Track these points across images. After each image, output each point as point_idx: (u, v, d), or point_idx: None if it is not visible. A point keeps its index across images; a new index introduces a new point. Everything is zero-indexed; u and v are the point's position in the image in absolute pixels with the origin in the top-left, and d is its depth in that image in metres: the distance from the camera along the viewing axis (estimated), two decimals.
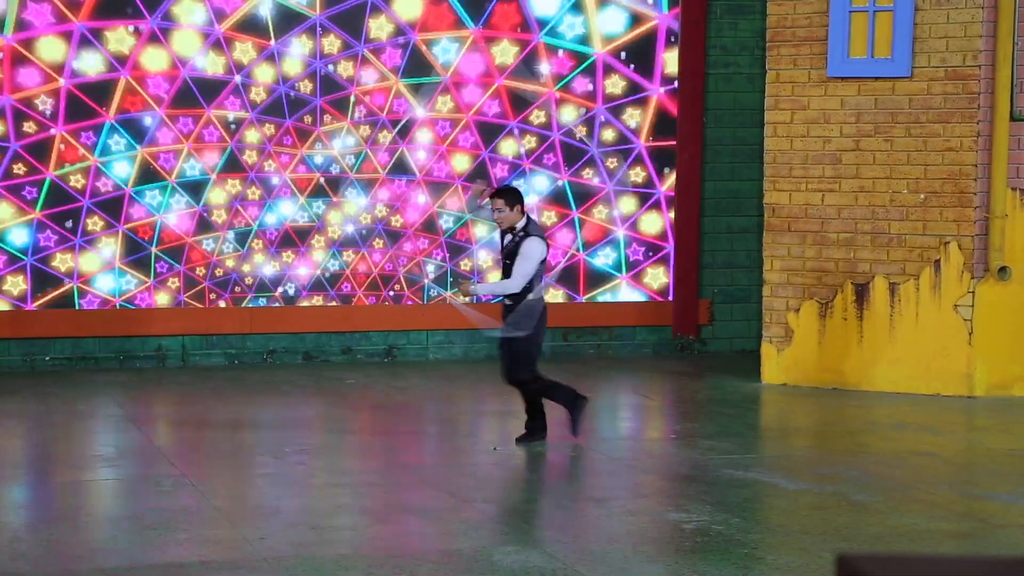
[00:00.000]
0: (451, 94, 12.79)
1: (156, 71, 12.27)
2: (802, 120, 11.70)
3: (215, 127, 12.40)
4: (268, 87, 12.45)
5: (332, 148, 12.63)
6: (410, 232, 12.82)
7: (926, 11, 11.27)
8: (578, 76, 12.90)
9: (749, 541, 7.36)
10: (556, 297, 13.02)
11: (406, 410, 10.80)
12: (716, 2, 13.19)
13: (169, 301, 12.33)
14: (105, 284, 12.23)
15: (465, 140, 12.86)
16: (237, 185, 12.51)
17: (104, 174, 12.18)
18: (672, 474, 8.95)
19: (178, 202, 12.38)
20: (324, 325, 12.65)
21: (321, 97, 12.53)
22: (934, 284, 11.37)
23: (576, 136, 12.87)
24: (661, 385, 12.03)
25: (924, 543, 7.35)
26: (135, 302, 12.26)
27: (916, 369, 11.41)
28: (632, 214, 13.12)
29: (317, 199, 12.63)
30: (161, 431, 10.21)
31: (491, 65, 12.81)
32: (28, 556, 7.00)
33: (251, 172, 12.50)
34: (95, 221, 12.20)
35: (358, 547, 7.23)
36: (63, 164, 12.10)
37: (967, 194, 11.25)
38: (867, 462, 9.19)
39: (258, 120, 12.49)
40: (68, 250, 12.13)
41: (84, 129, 12.15)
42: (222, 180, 12.47)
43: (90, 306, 12.16)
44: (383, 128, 12.71)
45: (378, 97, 12.65)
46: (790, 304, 11.80)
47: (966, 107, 11.21)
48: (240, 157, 12.46)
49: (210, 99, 12.33)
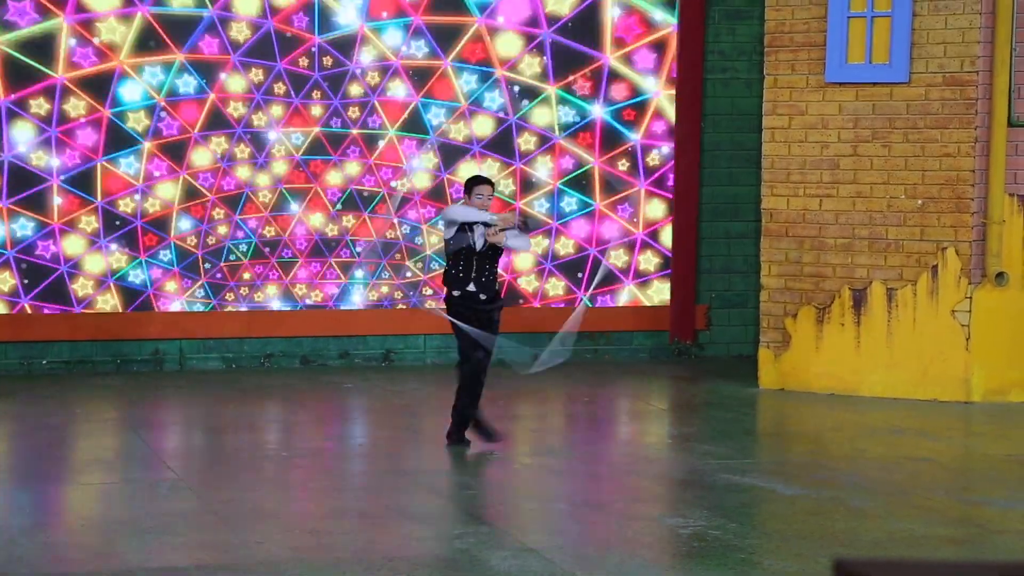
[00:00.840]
0: (485, 41, 12.60)
1: (108, 9, 11.83)
2: (800, 125, 11.71)
3: (191, 74, 12.06)
4: (252, 23, 12.14)
5: (332, 98, 12.42)
6: (418, 197, 12.62)
7: (924, 17, 11.28)
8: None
9: (746, 546, 7.36)
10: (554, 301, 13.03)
11: (403, 414, 10.79)
12: (714, 7, 13.20)
13: (162, 276, 12.15)
14: (95, 265, 12.10)
15: (491, 101, 12.76)
16: (223, 143, 12.21)
17: (68, 146, 11.89)
18: (669, 479, 8.95)
19: (158, 168, 12.09)
20: (322, 329, 12.64)
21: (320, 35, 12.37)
22: (931, 290, 11.37)
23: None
24: (658, 390, 12.03)
25: (921, 548, 7.36)
26: (128, 280, 12.12)
27: (913, 374, 11.41)
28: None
29: (316, 158, 12.41)
30: (158, 435, 10.21)
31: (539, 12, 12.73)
32: (24, 559, 6.99)
33: (238, 127, 12.25)
34: (70, 200, 11.95)
35: (356, 551, 7.23)
36: None
37: (965, 200, 11.26)
38: (864, 467, 9.19)
39: (242, 64, 12.32)
40: (47, 236, 12.00)
41: (33, 96, 11.81)
42: (204, 138, 12.16)
43: (84, 290, 12.05)
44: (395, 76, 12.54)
45: None
46: (788, 309, 11.81)
47: (964, 113, 11.22)
48: (224, 110, 12.26)
49: (181, 40, 12.12)
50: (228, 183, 12.30)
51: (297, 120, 12.36)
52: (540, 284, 12.97)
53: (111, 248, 12.06)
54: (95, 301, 12.10)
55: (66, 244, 11.99)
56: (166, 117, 12.09)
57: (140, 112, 12.06)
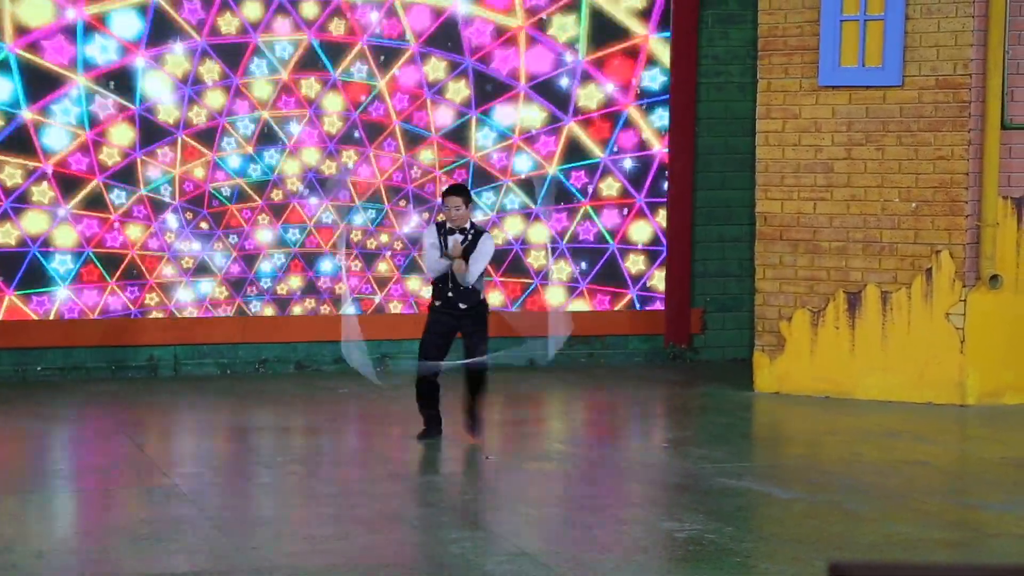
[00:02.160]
0: None
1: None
2: (794, 129, 11.72)
3: None
4: None
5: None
6: None
7: (917, 20, 11.29)
8: None
9: (742, 550, 7.36)
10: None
11: (399, 419, 10.78)
12: (707, 12, 13.21)
13: (143, 233, 12.13)
14: (66, 238, 12.00)
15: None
16: None
17: None
18: (665, 483, 8.95)
19: (104, 106, 12.01)
20: (316, 334, 12.63)
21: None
22: (926, 292, 11.38)
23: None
24: (653, 394, 12.02)
25: (917, 552, 7.36)
26: (106, 244, 12.05)
27: (908, 378, 11.42)
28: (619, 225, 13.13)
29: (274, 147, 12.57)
30: (153, 441, 10.20)
31: None
32: (19, 567, 6.98)
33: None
34: (9, 173, 11.87)
35: (350, 557, 7.23)
36: None
37: (958, 203, 11.27)
38: (860, 471, 9.19)
39: None
40: (3, 218, 11.92)
41: None
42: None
43: (64, 265, 11.99)
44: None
45: None
46: (782, 313, 11.81)
47: (957, 115, 11.23)
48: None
49: None
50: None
51: None
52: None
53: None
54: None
55: (26, 222, 12.03)
56: None
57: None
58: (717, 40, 13.25)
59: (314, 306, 12.61)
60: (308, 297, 12.62)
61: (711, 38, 13.24)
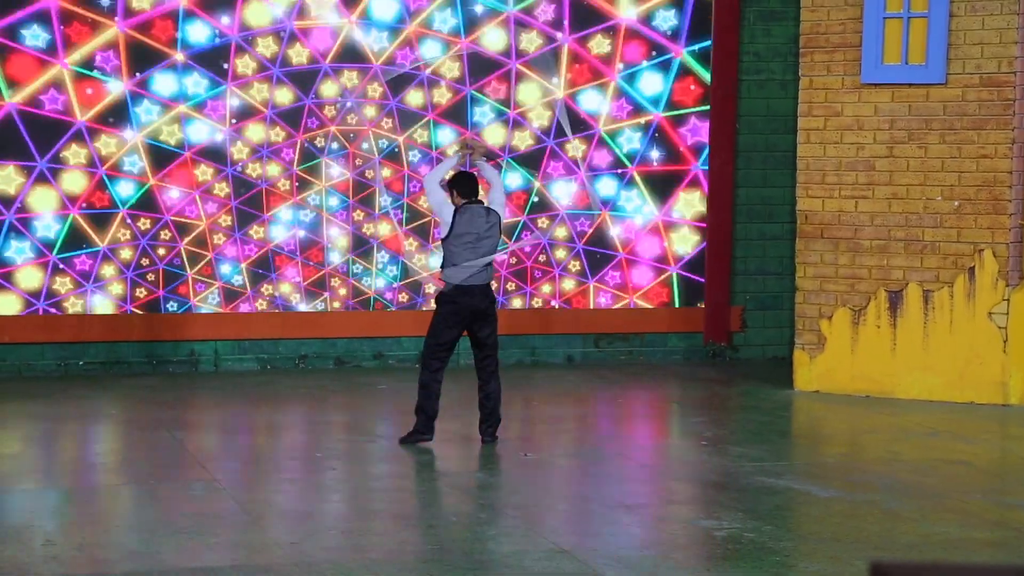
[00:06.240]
0: None
1: None
2: (835, 127, 11.66)
3: None
4: None
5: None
6: None
7: (961, 17, 11.22)
8: None
9: (781, 549, 7.33)
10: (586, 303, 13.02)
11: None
12: (749, 8, 13.17)
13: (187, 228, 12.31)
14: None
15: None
16: None
17: None
18: (703, 481, 8.93)
19: None
20: (355, 330, 12.67)
21: None
22: (968, 292, 11.31)
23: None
24: (692, 392, 12.00)
25: (957, 552, 7.32)
26: (160, 238, 12.16)
27: (950, 377, 11.35)
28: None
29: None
30: (193, 436, 10.24)
31: None
32: (60, 559, 7.03)
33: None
34: (6, 174, 12.15)
35: (389, 552, 7.24)
36: None
37: (1002, 201, 11.19)
38: (900, 470, 9.15)
39: None
40: None
41: None
42: None
43: (57, 248, 12.14)
44: None
45: None
46: (823, 311, 11.76)
47: (1001, 114, 11.16)
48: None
49: None
50: None
51: None
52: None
53: None
54: None
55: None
56: None
57: None
58: (759, 37, 13.21)
59: (354, 303, 12.65)
60: (346, 294, 12.65)
61: (752, 35, 13.20)
